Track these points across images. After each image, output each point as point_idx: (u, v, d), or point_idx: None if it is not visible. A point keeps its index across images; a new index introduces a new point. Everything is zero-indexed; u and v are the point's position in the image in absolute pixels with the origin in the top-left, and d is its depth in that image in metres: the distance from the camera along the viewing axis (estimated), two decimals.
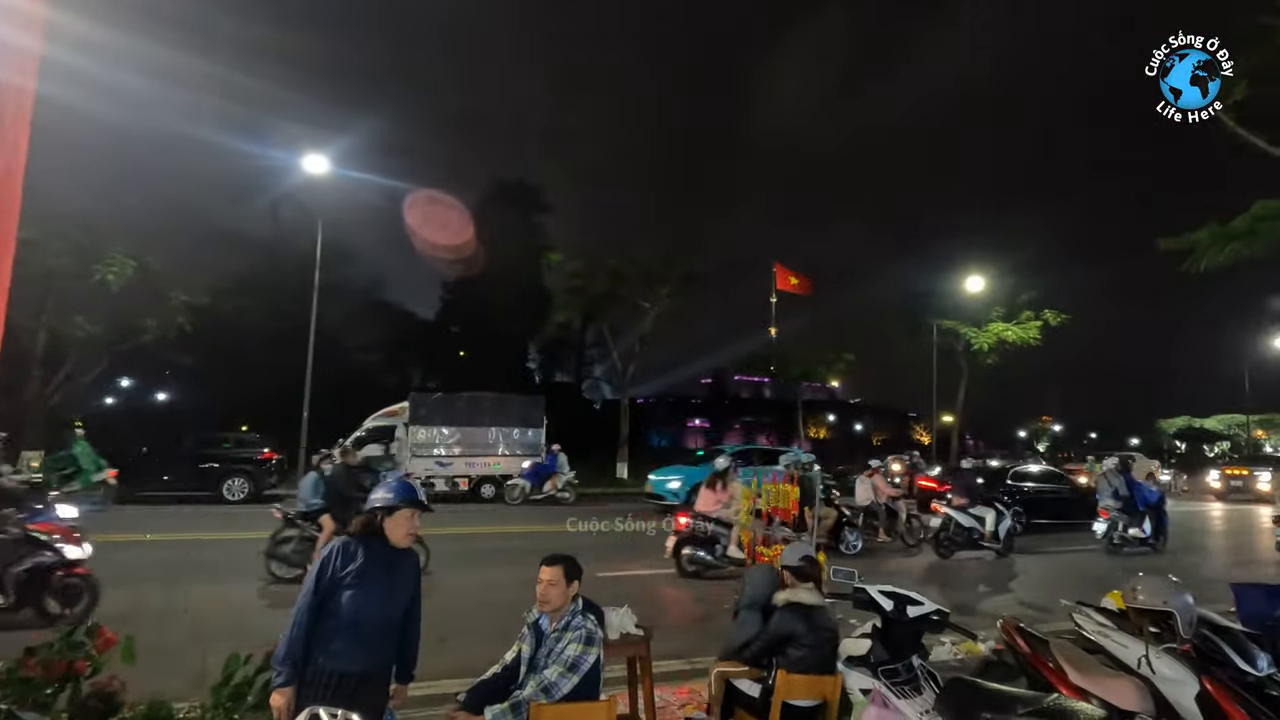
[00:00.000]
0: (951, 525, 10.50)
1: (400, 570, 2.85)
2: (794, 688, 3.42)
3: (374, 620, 2.69)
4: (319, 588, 2.69)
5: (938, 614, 3.43)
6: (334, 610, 2.68)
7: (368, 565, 2.72)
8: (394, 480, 2.98)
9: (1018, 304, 25.29)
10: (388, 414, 17.10)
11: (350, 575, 2.69)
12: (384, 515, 2.81)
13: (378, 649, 2.73)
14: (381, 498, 2.83)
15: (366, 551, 2.76)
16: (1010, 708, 2.84)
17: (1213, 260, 6.64)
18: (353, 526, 2.90)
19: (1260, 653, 2.98)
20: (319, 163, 17.55)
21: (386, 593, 2.76)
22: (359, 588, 2.68)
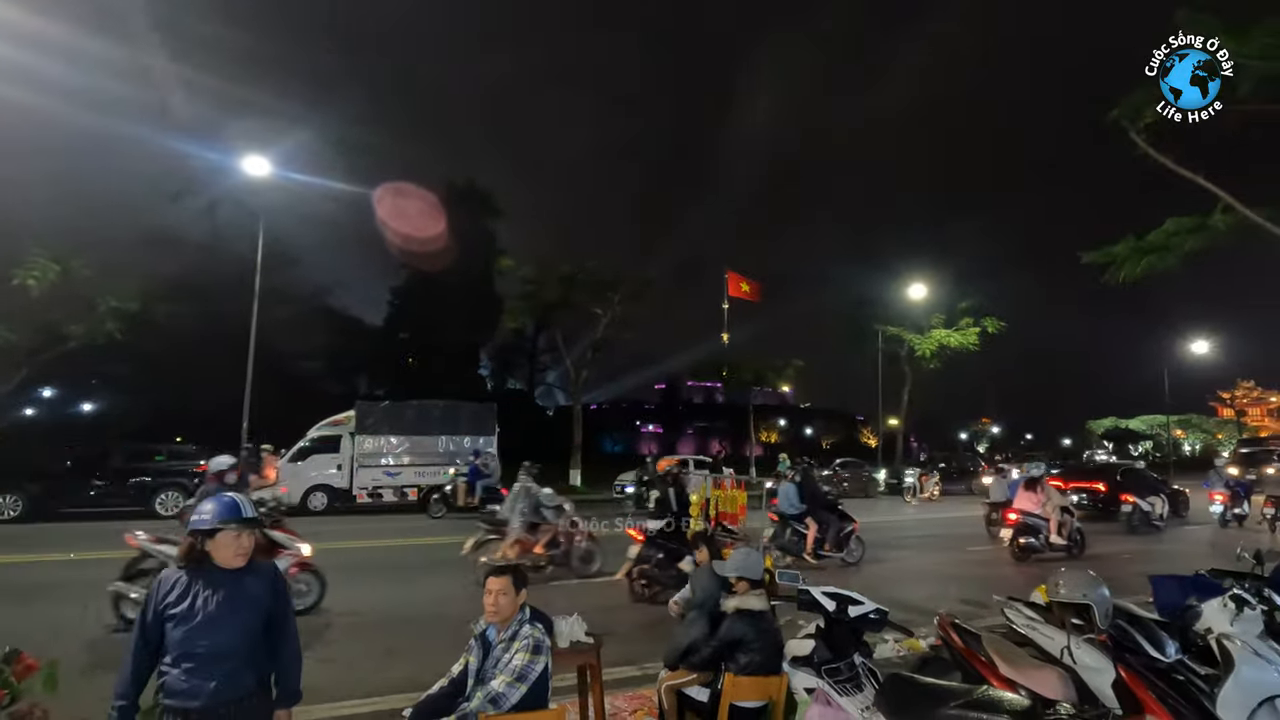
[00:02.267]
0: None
1: (236, 594, 2.51)
2: (741, 690, 3.49)
3: (205, 651, 2.41)
4: (144, 624, 2.47)
5: (877, 613, 3.56)
6: (164, 646, 2.45)
7: (194, 593, 2.46)
8: (213, 498, 2.61)
9: (958, 311, 26.32)
10: (333, 423, 16.65)
11: (174, 606, 2.45)
12: (204, 539, 2.51)
13: (219, 680, 2.42)
14: (198, 520, 2.52)
15: (192, 579, 2.50)
16: (944, 701, 2.97)
17: (1130, 272, 7.08)
18: (178, 553, 2.63)
19: (1169, 640, 3.20)
20: (259, 164, 16.99)
21: (217, 620, 2.44)
22: (185, 618, 2.43)
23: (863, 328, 28.61)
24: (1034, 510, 10.94)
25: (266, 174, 17.17)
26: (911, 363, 27.28)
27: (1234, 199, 6.03)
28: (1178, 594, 4.61)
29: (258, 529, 2.68)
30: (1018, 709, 2.70)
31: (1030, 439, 65.78)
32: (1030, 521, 10.83)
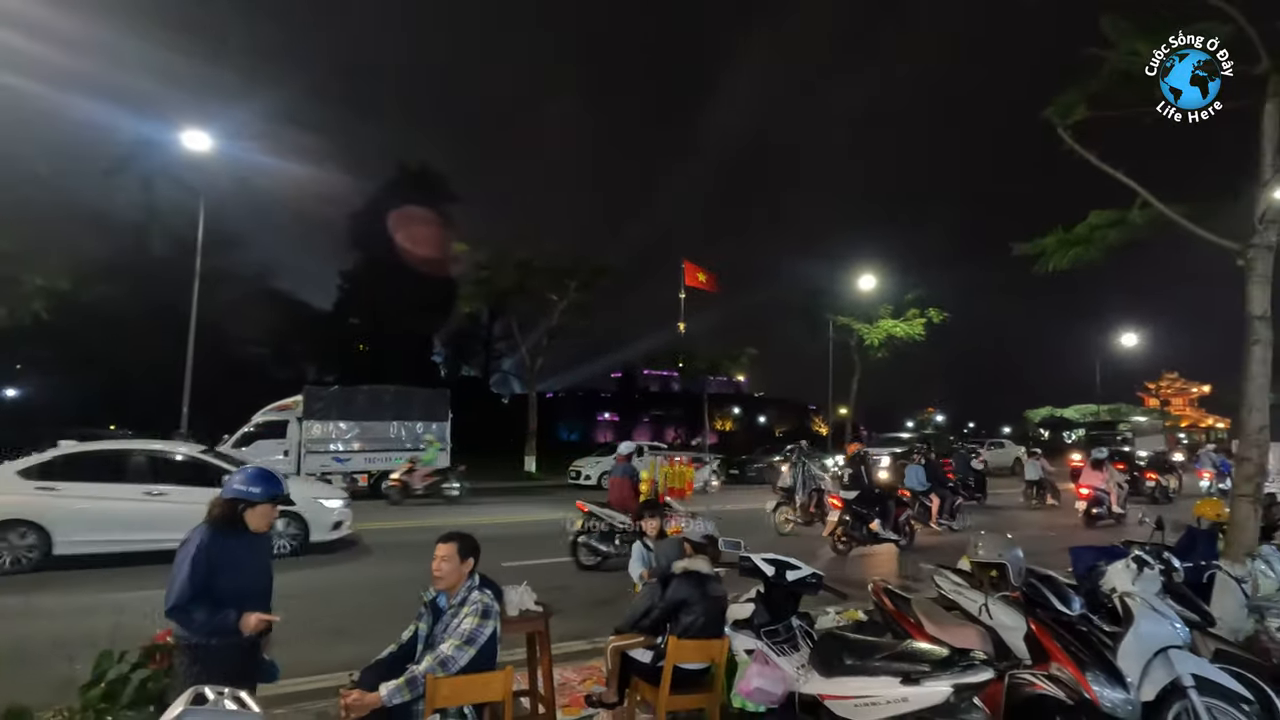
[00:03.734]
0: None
1: (261, 551, 3.22)
2: (684, 652, 3.64)
3: (250, 596, 3.02)
4: (197, 577, 2.88)
5: (814, 577, 3.75)
6: (216, 594, 2.92)
7: (237, 550, 3.02)
8: (253, 471, 3.11)
9: (905, 302, 27.08)
10: (279, 408, 16.23)
11: (223, 562, 2.95)
12: (245, 507, 3.04)
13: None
14: (247, 492, 3.02)
15: (233, 538, 3.02)
16: (870, 654, 3.19)
17: (1058, 263, 7.48)
18: (215, 515, 3.06)
19: (1075, 597, 3.48)
20: (199, 139, 16.32)
21: (255, 572, 3.13)
22: (235, 571, 2.98)
23: (815, 317, 29.23)
24: (1101, 485, 13.78)
25: (207, 149, 16.51)
26: (861, 352, 27.98)
27: (1151, 195, 6.44)
28: (1091, 559, 4.98)
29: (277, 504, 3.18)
30: (936, 658, 2.92)
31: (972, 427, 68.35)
32: (1099, 495, 13.65)
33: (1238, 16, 5.74)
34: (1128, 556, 4.15)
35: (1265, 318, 6.03)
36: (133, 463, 8.55)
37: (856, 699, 3.02)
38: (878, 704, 2.93)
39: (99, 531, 8.05)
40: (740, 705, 3.57)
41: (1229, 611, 4.66)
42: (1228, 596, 4.74)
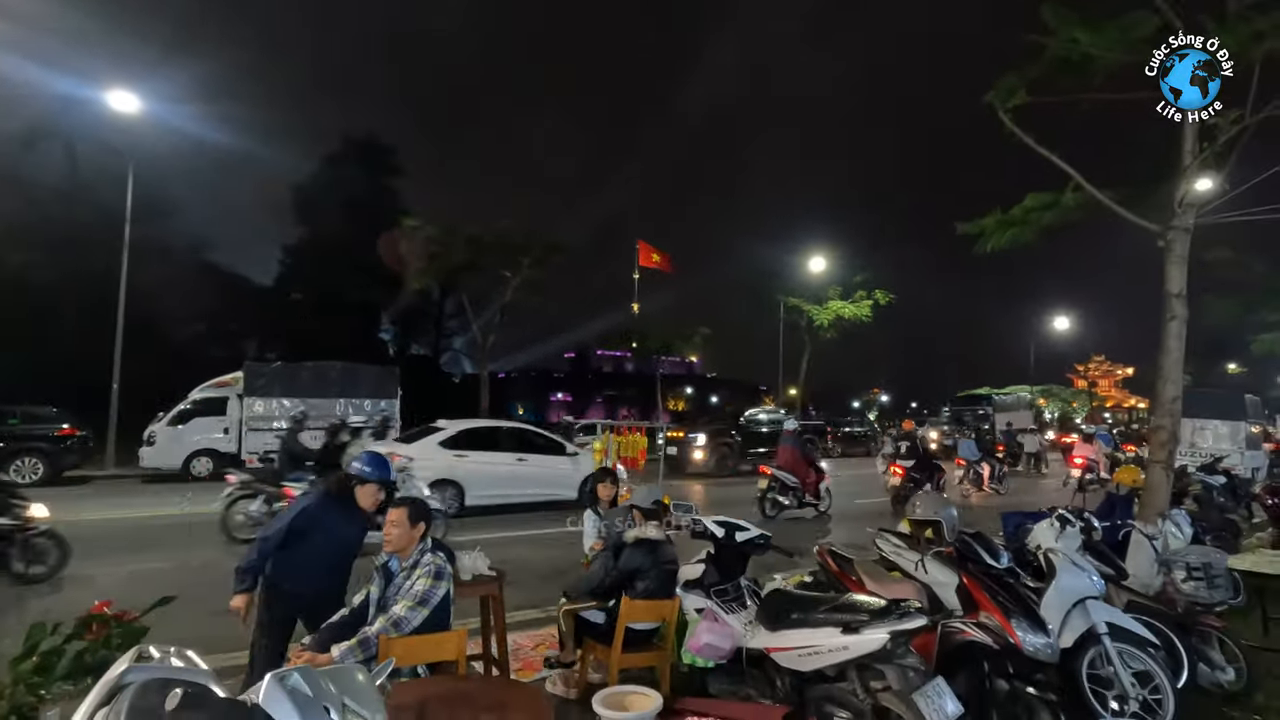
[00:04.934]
0: None
1: (356, 526, 3.56)
2: (636, 612, 3.73)
3: (326, 560, 3.46)
4: (294, 528, 3.36)
5: (761, 538, 3.88)
6: (300, 546, 3.37)
7: (335, 518, 3.47)
8: (370, 455, 3.58)
9: (853, 283, 27.70)
10: (218, 384, 15.61)
11: (322, 525, 3.42)
12: (358, 483, 3.48)
13: (326, 580, 3.48)
14: (359, 469, 3.49)
15: (336, 507, 3.48)
16: (813, 608, 3.33)
17: (996, 244, 7.78)
18: (330, 484, 3.57)
19: (1003, 552, 3.70)
20: (127, 100, 15.37)
21: (342, 543, 3.51)
22: (324, 535, 3.42)
23: (766, 298, 29.65)
24: (1092, 456, 15.86)
25: (135, 111, 15.59)
26: (810, 333, 28.56)
27: (1083, 179, 6.75)
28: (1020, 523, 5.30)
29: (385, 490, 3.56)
30: (874, 608, 3.07)
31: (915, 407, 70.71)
32: (1090, 464, 15.62)
33: (1164, 8, 6.03)
34: (1051, 516, 4.43)
35: (1181, 296, 6.43)
36: (506, 436, 11.42)
37: (800, 649, 3.16)
38: (820, 653, 3.07)
39: (492, 488, 10.44)
40: (690, 661, 3.69)
41: (1141, 567, 5.03)
42: (1141, 553, 5.11)
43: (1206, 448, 15.72)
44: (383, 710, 1.34)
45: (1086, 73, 6.51)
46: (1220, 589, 4.66)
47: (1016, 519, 5.49)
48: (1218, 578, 4.61)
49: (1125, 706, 3.54)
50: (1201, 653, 4.15)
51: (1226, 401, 16.95)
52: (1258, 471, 15.29)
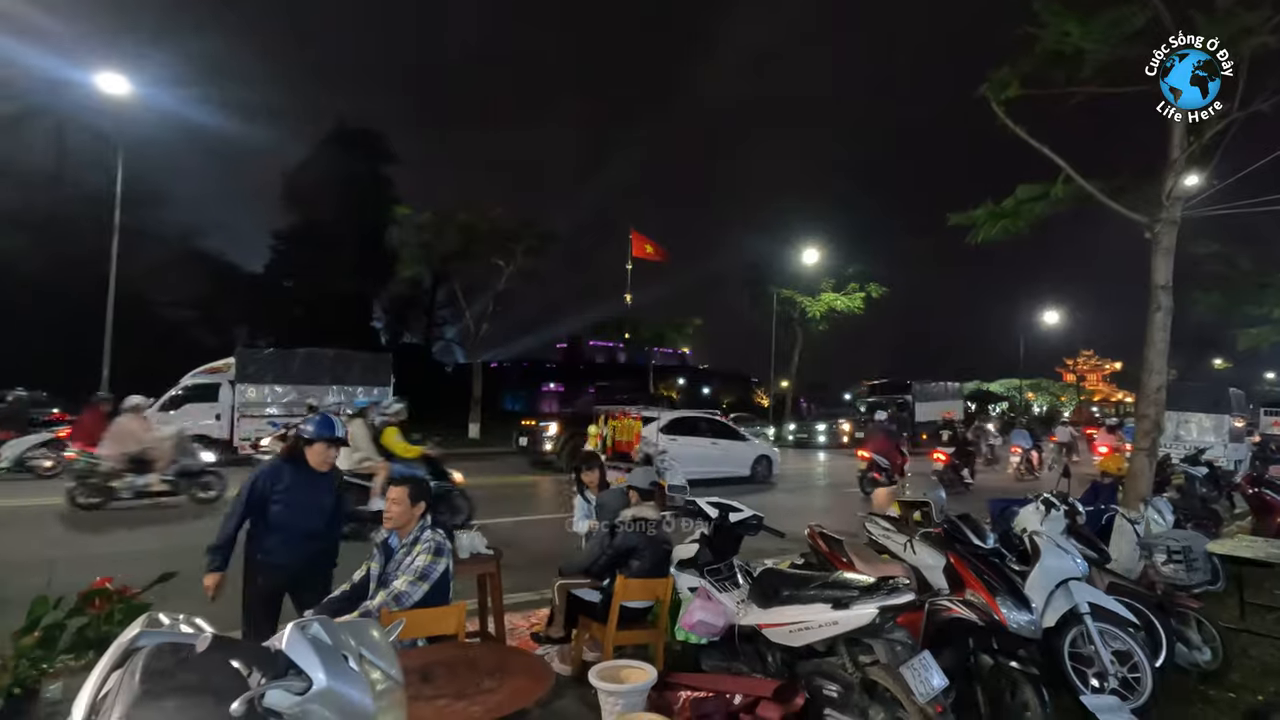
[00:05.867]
0: None
1: (318, 488, 3.49)
2: (631, 591, 3.81)
3: (298, 527, 3.39)
4: (250, 499, 3.36)
5: (754, 519, 3.96)
6: (266, 519, 3.37)
7: (291, 483, 3.41)
8: (317, 417, 3.57)
9: (845, 276, 27.87)
10: (210, 370, 15.57)
11: (277, 491, 3.38)
12: (305, 444, 3.48)
13: (302, 549, 3.41)
14: (304, 430, 3.50)
15: (291, 472, 3.44)
16: (805, 585, 3.41)
17: (987, 235, 7.87)
18: (281, 452, 3.59)
19: (990, 533, 3.79)
20: (116, 82, 15.20)
21: (306, 506, 3.43)
22: (284, 502, 3.38)
23: (758, 290, 29.76)
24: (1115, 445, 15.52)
25: (124, 93, 15.42)
26: (803, 325, 28.73)
27: (1074, 171, 6.84)
28: (1005, 508, 5.41)
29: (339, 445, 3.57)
30: (863, 585, 3.16)
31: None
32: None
33: (1155, 3, 6.10)
34: (1036, 501, 4.53)
35: (1167, 287, 6.54)
36: (703, 424, 14.15)
37: (791, 625, 3.24)
38: (810, 628, 3.15)
39: (695, 464, 11.53)
40: (684, 638, 3.76)
41: (1123, 551, 5.16)
42: (1123, 538, 5.23)
43: (1191, 440, 15.93)
44: (397, 664, 1.40)
45: (1078, 66, 6.59)
46: (1199, 572, 4.78)
47: (1001, 503, 5.61)
48: (1196, 561, 4.73)
49: (1105, 683, 3.65)
50: (1180, 633, 4.27)
51: (1211, 395, 17.16)
52: (1240, 464, 15.55)
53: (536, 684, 2.14)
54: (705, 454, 13.14)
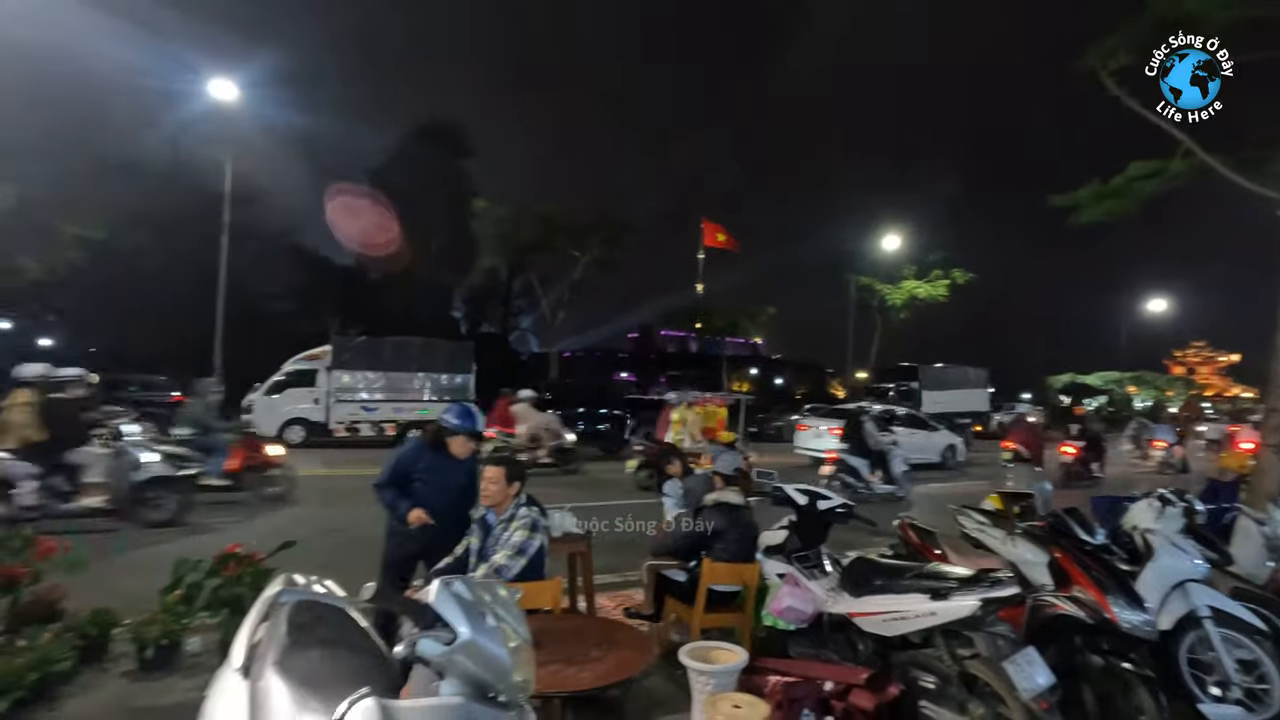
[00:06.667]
0: None
1: (455, 472, 3.78)
2: (717, 574, 3.83)
3: (432, 503, 3.64)
4: (394, 473, 3.75)
5: (844, 507, 3.91)
6: (408, 492, 3.71)
7: (430, 465, 3.75)
8: (459, 407, 3.83)
9: (928, 262, 26.75)
10: (308, 358, 16.58)
11: (418, 470, 3.74)
12: (448, 434, 3.74)
13: (438, 523, 3.61)
14: (448, 421, 3.74)
15: (431, 456, 3.77)
16: (898, 575, 3.35)
17: (1092, 216, 7.40)
18: (425, 436, 3.87)
19: (1099, 528, 3.61)
20: (226, 88, 16.33)
21: (446, 489, 3.72)
22: (423, 480, 3.73)
23: (837, 278, 29.03)
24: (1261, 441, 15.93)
25: (233, 98, 16.54)
26: (883, 313, 27.81)
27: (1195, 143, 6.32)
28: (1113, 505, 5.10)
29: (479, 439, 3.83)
30: (962, 576, 3.07)
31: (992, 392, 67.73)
32: None
33: None
34: (1152, 496, 4.26)
35: None
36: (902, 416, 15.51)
37: (885, 614, 3.19)
38: (906, 618, 3.10)
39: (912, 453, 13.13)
40: (772, 623, 3.77)
41: (1248, 554, 4.77)
42: (1248, 540, 4.84)
43: None
44: (525, 623, 1.48)
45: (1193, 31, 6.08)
46: None
47: (1109, 500, 5.29)
48: None
49: (1227, 692, 3.42)
50: None
51: None
52: None
53: (641, 655, 2.21)
54: (908, 442, 14.04)
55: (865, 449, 10.53)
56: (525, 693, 1.41)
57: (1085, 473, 13.65)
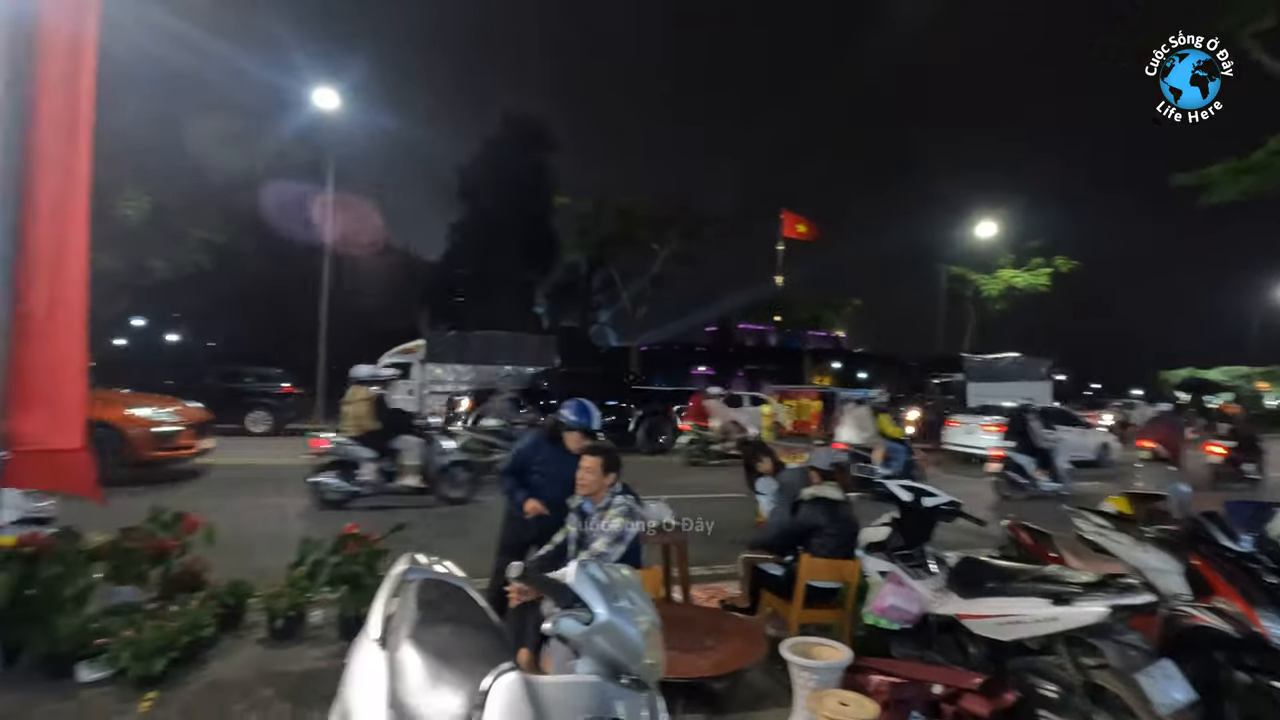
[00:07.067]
0: None
1: (569, 465, 3.73)
2: (816, 570, 3.77)
3: (547, 494, 3.82)
4: (515, 463, 4.04)
5: (951, 504, 3.75)
6: (526, 482, 3.94)
7: (547, 457, 3.95)
8: (575, 404, 3.95)
9: (1027, 250, 25.20)
10: (403, 351, 17.46)
11: (536, 462, 3.97)
12: (564, 429, 3.91)
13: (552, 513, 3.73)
14: (564, 416, 3.91)
15: (548, 448, 3.98)
16: (1014, 578, 3.19)
17: (1224, 195, 6.76)
18: (544, 429, 4.12)
19: (1243, 535, 3.30)
20: (328, 97, 17.33)
21: (557, 479, 3.79)
22: (540, 472, 3.93)
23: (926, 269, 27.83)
24: None
25: (334, 106, 17.52)
26: (977, 304, 26.43)
27: None
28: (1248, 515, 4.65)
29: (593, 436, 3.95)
30: (1086, 580, 2.89)
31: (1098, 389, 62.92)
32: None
33: None
34: None
35: None
36: (1058, 414, 15.20)
37: (1000, 617, 3.05)
38: (1024, 622, 2.95)
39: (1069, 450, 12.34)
40: (874, 622, 3.67)
41: None
42: None
43: None
44: (653, 606, 1.51)
45: None
46: None
47: (1250, 506, 4.82)
48: None
49: None
50: None
51: None
52: None
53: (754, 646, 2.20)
54: (1067, 442, 14.30)
55: (1031, 446, 10.44)
56: (656, 675, 1.44)
57: (1237, 474, 12.63)
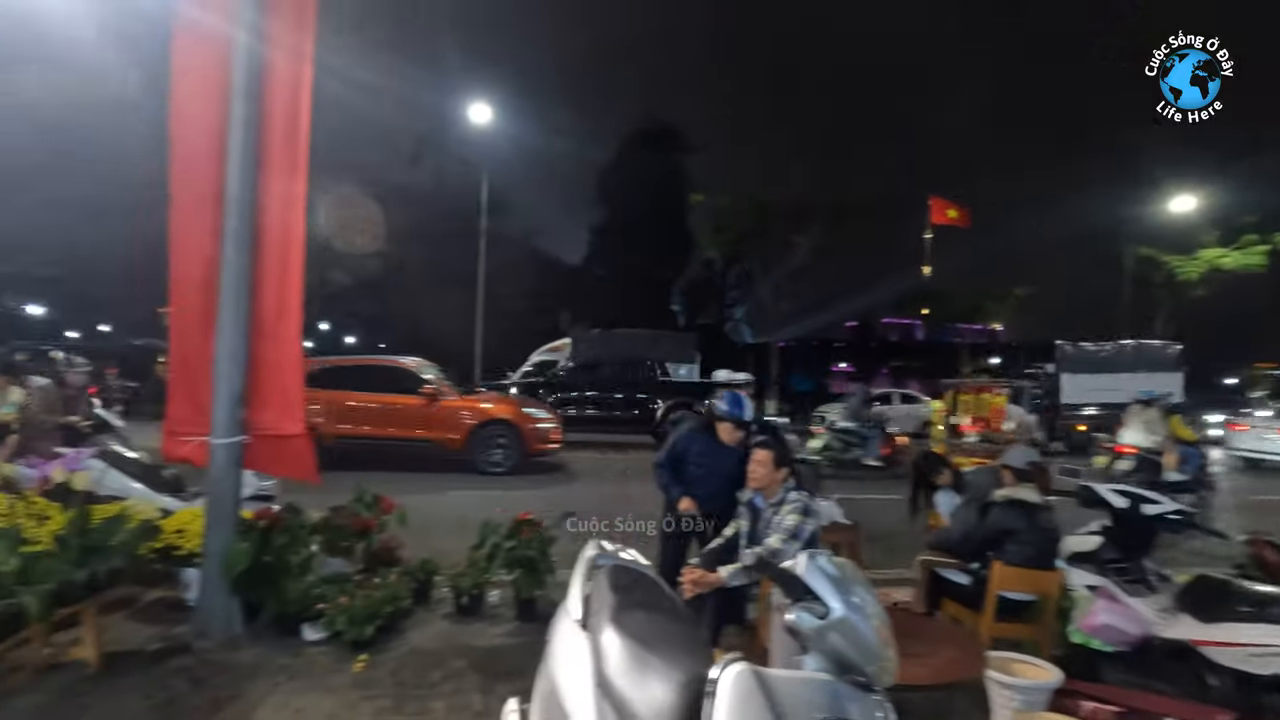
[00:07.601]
0: None
1: (725, 457, 3.86)
2: (1009, 580, 3.44)
3: (704, 486, 3.84)
4: (672, 455, 4.00)
5: (1179, 514, 3.27)
6: (684, 474, 3.94)
7: (704, 449, 3.93)
8: (729, 394, 3.95)
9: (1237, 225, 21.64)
10: (551, 349, 18.29)
11: (692, 453, 3.95)
12: (716, 419, 3.90)
13: (706, 504, 3.81)
14: (718, 407, 3.90)
15: (704, 440, 3.95)
16: (1264, 604, 2.72)
17: None
18: (700, 420, 4.17)
19: None
20: (482, 112, 18.51)
21: (715, 472, 3.84)
22: (697, 463, 3.92)
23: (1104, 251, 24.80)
24: None
25: (487, 121, 18.69)
26: (1170, 289, 23.13)
27: None
28: None
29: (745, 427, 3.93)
30: None
31: None
32: None
33: None
34: None
35: None
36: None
37: (1255, 647, 2.61)
38: None
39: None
40: (1083, 641, 3.28)
41: None
42: None
43: None
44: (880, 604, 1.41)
45: None
46: None
47: None
48: None
49: None
50: None
51: None
52: None
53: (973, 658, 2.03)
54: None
55: None
56: (888, 678, 1.35)
57: None
